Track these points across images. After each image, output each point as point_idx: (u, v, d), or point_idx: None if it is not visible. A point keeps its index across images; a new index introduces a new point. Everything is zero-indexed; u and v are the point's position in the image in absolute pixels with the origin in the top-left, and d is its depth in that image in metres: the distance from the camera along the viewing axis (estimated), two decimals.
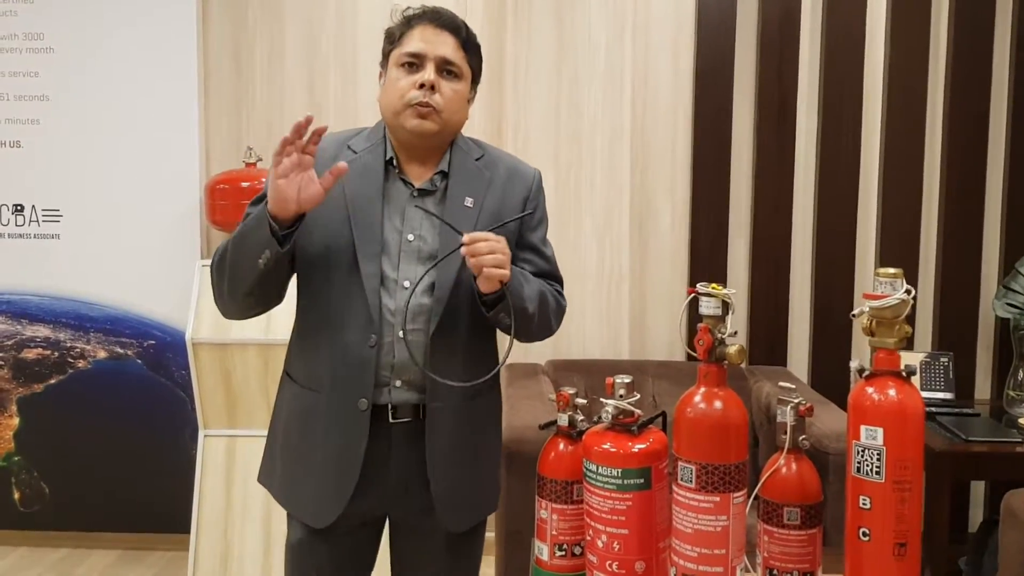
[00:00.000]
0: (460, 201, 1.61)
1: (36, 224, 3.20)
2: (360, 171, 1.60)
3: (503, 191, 1.67)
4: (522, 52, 3.19)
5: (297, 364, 1.67)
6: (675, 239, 3.22)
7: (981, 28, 3.07)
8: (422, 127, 1.57)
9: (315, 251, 1.58)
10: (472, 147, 1.70)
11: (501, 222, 1.62)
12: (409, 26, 1.62)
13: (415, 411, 1.59)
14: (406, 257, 1.59)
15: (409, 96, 1.57)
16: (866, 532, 1.12)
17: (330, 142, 1.64)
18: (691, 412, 1.17)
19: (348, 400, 1.56)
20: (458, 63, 1.61)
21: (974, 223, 3.12)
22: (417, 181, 1.62)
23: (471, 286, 1.55)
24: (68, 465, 3.28)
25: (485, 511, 1.73)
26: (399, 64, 1.60)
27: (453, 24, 1.63)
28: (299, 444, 1.64)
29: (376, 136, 1.65)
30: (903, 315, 1.14)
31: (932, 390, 2.95)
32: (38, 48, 3.17)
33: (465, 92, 1.64)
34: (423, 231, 1.60)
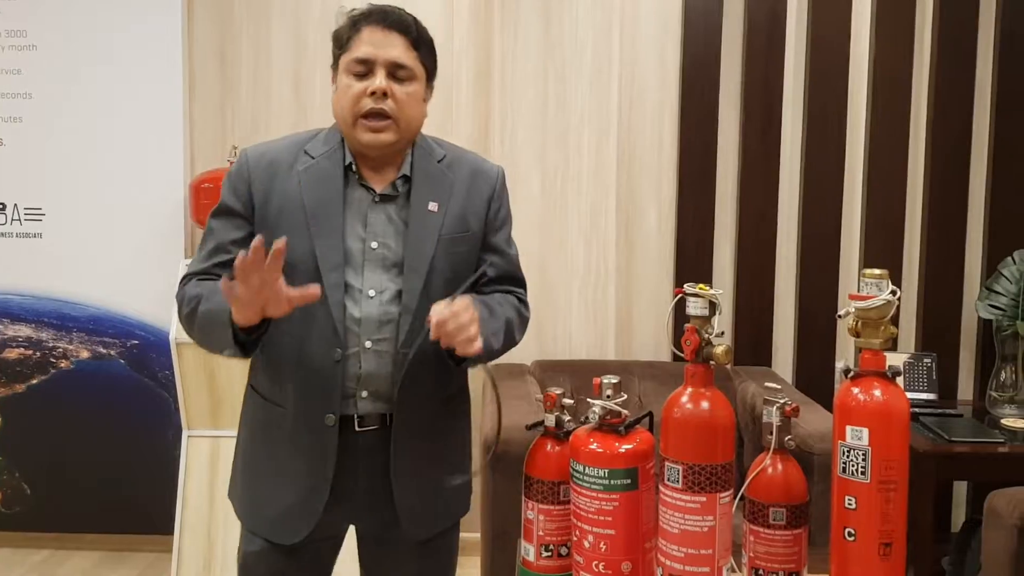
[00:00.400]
0: (424, 205, 1.56)
1: (18, 223, 3.17)
2: (319, 177, 1.55)
3: (467, 192, 1.62)
4: (509, 51, 3.19)
5: (261, 377, 1.61)
6: (661, 239, 3.23)
7: (965, 32, 3.09)
8: (377, 140, 1.52)
9: None
10: (433, 147, 1.64)
11: (466, 230, 1.58)
12: (356, 29, 1.54)
13: (381, 420, 1.55)
14: (370, 265, 1.54)
15: (361, 105, 1.51)
16: (851, 532, 1.12)
17: (286, 146, 1.59)
18: (678, 412, 1.17)
19: (314, 416, 1.52)
20: (410, 64, 1.54)
21: (957, 225, 3.14)
22: (378, 186, 1.57)
23: (441, 295, 1.50)
24: (50, 466, 3.25)
25: (453, 517, 1.70)
26: (348, 70, 1.53)
27: (401, 23, 1.54)
28: (265, 461, 1.59)
29: (334, 140, 1.59)
30: (888, 316, 1.15)
31: (915, 391, 2.97)
32: (21, 45, 3.13)
33: (420, 93, 1.58)
34: (387, 238, 1.55)
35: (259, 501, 1.60)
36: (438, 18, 3.17)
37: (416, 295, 1.52)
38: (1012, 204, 3.10)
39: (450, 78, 3.19)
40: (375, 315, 1.52)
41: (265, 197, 1.55)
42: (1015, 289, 2.89)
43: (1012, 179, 3.10)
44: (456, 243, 1.58)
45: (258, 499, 1.60)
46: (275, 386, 1.57)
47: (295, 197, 1.52)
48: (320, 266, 1.50)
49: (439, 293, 1.51)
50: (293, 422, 1.54)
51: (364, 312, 1.52)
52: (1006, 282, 2.92)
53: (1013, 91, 3.07)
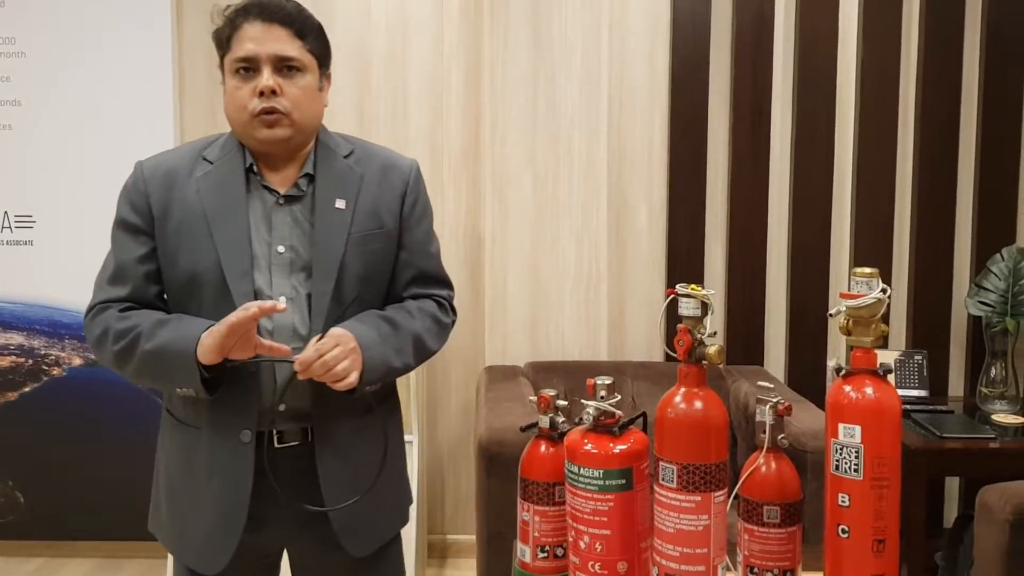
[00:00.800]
0: (331, 204, 1.49)
1: (9, 231, 3.16)
2: (218, 183, 1.48)
3: (379, 187, 1.54)
4: (498, 54, 3.19)
5: (174, 399, 1.54)
6: (652, 240, 3.24)
7: (951, 31, 3.11)
8: (273, 136, 1.45)
9: (182, 277, 1.47)
10: (340, 143, 1.57)
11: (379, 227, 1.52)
12: (235, 26, 1.46)
13: (303, 434, 1.48)
14: (278, 270, 1.47)
15: (251, 106, 1.44)
16: (845, 529, 1.13)
17: (183, 154, 1.53)
18: (672, 413, 1.17)
19: (230, 434, 1.45)
20: (296, 56, 1.46)
21: (946, 222, 3.16)
22: (281, 187, 1.50)
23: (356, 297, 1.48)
24: (43, 473, 3.24)
25: (394, 528, 1.63)
26: (233, 71, 1.46)
27: (282, 13, 1.46)
28: (183, 487, 1.52)
29: (232, 144, 1.52)
30: (879, 314, 1.15)
31: (907, 388, 2.98)
32: (10, 52, 3.13)
33: (314, 84, 1.49)
34: (294, 241, 1.48)
35: (182, 530, 1.53)
36: (428, 21, 3.18)
37: (327, 298, 1.46)
38: (1000, 201, 3.12)
39: (440, 81, 3.20)
40: (288, 323, 1.46)
41: (164, 209, 1.48)
42: (1004, 286, 2.91)
43: (1000, 176, 3.12)
44: (368, 240, 1.51)
45: (181, 527, 1.53)
46: (189, 406, 1.50)
47: (195, 205, 1.46)
48: (226, 275, 1.43)
49: (353, 294, 1.48)
50: (209, 442, 1.47)
51: (276, 321, 1.46)
52: (995, 279, 2.94)
53: (1000, 88, 3.09)
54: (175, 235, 1.47)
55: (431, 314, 1.58)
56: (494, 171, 3.22)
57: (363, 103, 3.20)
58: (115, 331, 1.45)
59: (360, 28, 3.17)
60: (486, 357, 3.27)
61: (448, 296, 1.65)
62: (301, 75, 1.47)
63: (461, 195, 3.23)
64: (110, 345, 1.46)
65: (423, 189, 1.62)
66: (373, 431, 1.55)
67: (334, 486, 1.49)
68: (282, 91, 1.44)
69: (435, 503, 3.32)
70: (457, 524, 3.34)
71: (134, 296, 1.49)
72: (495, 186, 3.22)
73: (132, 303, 1.49)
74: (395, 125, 3.21)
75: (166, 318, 1.46)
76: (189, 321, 1.43)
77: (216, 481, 1.47)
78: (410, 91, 3.21)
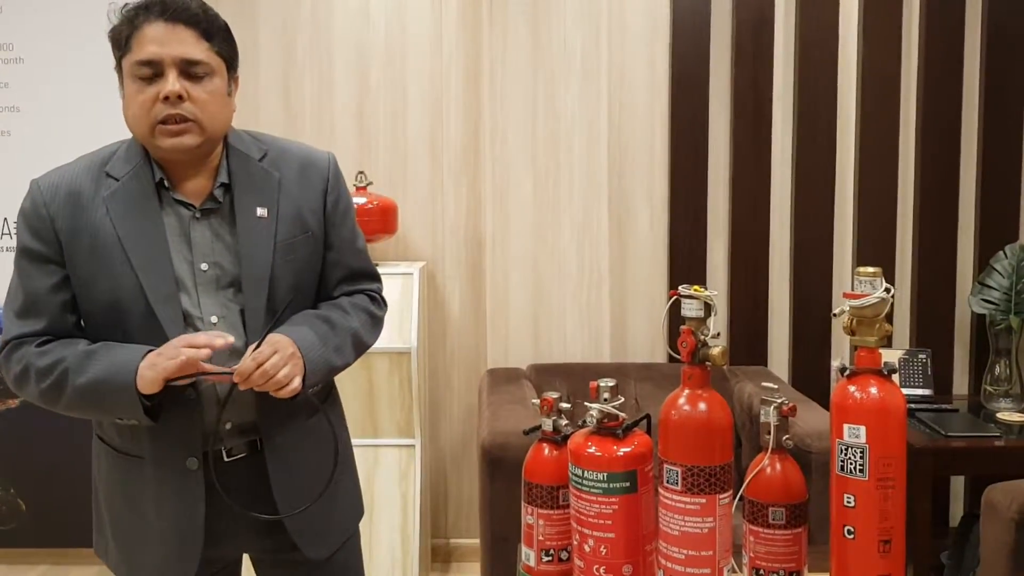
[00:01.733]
0: (251, 213, 1.42)
1: (8, 237, 3.16)
2: (128, 202, 1.38)
3: (299, 188, 1.48)
4: (498, 55, 3.19)
5: (108, 428, 1.47)
6: (654, 241, 3.23)
7: (952, 30, 3.10)
8: (180, 144, 1.36)
9: (101, 307, 1.38)
10: (251, 146, 1.50)
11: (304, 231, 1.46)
12: (134, 26, 1.35)
13: (251, 447, 1.45)
14: (204, 289, 1.40)
15: (154, 112, 1.35)
16: (851, 530, 1.12)
17: (81, 170, 1.43)
18: (676, 414, 1.17)
19: (175, 463, 1.39)
20: (204, 59, 1.37)
21: (949, 221, 3.15)
22: (196, 200, 1.42)
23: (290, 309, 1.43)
24: (45, 481, 3.23)
25: (351, 527, 1.62)
26: (134, 76, 1.36)
27: (187, 13, 1.36)
28: (128, 517, 1.47)
29: (137, 156, 1.42)
30: (883, 313, 1.15)
31: (911, 387, 2.97)
32: (8, 59, 3.13)
33: (222, 88, 1.41)
34: (216, 256, 1.41)
35: (134, 557, 1.49)
36: (427, 23, 3.18)
37: (261, 312, 1.41)
38: (1002, 199, 3.12)
39: (440, 83, 3.19)
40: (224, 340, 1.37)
41: (72, 234, 1.38)
42: (1007, 283, 2.90)
43: (1002, 174, 3.11)
44: (295, 248, 1.46)
45: (131, 558, 1.49)
46: (127, 436, 1.44)
47: (106, 229, 1.37)
48: (151, 300, 1.36)
49: (285, 303, 1.42)
50: (154, 474, 1.41)
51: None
52: (998, 276, 2.93)
53: (1001, 86, 3.08)
54: (88, 262, 1.38)
55: (365, 309, 1.55)
56: (494, 173, 3.22)
57: (362, 105, 3.20)
58: (37, 368, 1.37)
59: (359, 30, 3.17)
60: (488, 360, 3.26)
61: (378, 289, 1.62)
62: (209, 79, 1.38)
63: (461, 197, 3.23)
64: (34, 384, 1.38)
65: (343, 184, 1.57)
66: (321, 432, 1.52)
67: (287, 493, 1.46)
68: (189, 96, 1.36)
69: (438, 507, 3.31)
70: (460, 528, 3.33)
71: (51, 329, 1.40)
72: (495, 188, 3.22)
73: (49, 336, 1.40)
74: (395, 127, 3.20)
75: (92, 349, 1.37)
76: (119, 350, 1.36)
77: (167, 513, 1.43)
78: (409, 93, 3.20)
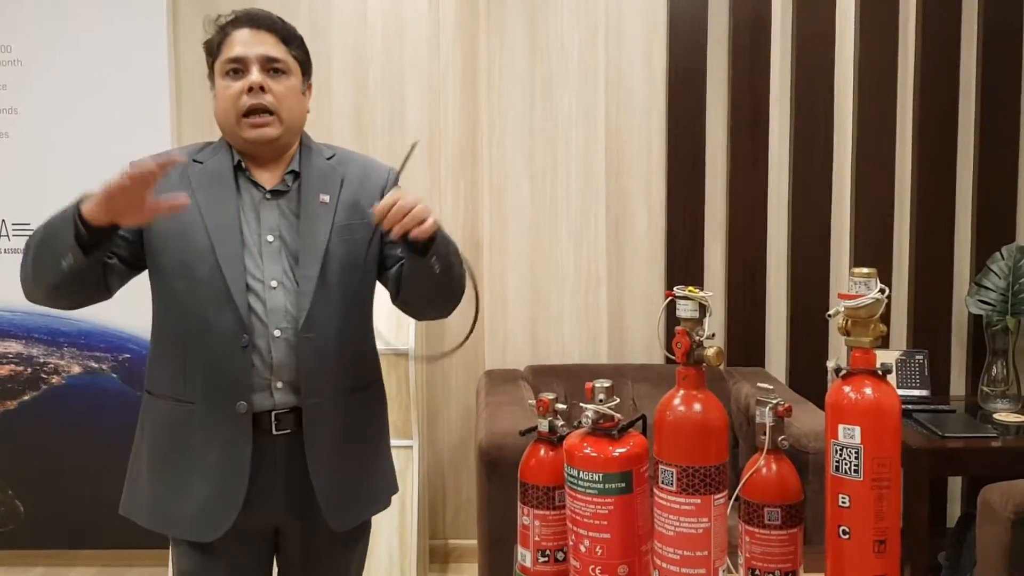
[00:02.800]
0: (315, 197, 1.59)
1: (6, 239, 3.16)
2: (210, 177, 1.58)
3: (359, 185, 1.65)
4: (495, 57, 3.19)
5: (162, 378, 1.60)
6: (651, 242, 3.23)
7: (949, 30, 3.11)
8: (263, 135, 1.56)
9: (174, 263, 1.55)
10: (322, 148, 1.69)
11: (361, 217, 1.59)
12: (225, 33, 1.61)
13: (296, 418, 1.55)
14: (268, 257, 1.56)
15: (240, 103, 1.55)
16: (846, 530, 1.13)
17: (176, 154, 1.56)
18: (671, 415, 1.17)
19: (226, 405, 1.52)
20: (282, 58, 1.59)
21: (946, 221, 3.16)
22: (268, 183, 1.60)
23: (337, 280, 1.56)
24: (43, 482, 3.23)
25: (374, 509, 1.71)
26: (223, 73, 1.59)
27: (269, 22, 1.61)
28: (172, 461, 1.57)
29: (220, 145, 1.64)
30: (878, 314, 1.15)
31: (908, 388, 2.98)
32: (6, 60, 3.12)
33: (297, 86, 1.62)
34: (281, 231, 1.58)
35: (172, 501, 1.57)
36: (424, 25, 3.18)
37: (313, 282, 1.55)
38: (999, 200, 3.12)
39: (437, 85, 3.20)
40: (279, 304, 1.54)
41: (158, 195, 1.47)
42: (1004, 284, 2.90)
43: (998, 175, 3.12)
44: (350, 230, 1.60)
45: (171, 499, 1.58)
46: (180, 384, 1.56)
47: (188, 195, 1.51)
48: (218, 257, 1.52)
49: (335, 279, 1.57)
50: (204, 415, 1.54)
51: (267, 302, 1.54)
52: (995, 277, 2.93)
53: (997, 87, 3.09)
54: (167, 222, 1.51)
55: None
56: (491, 174, 3.22)
57: (360, 107, 3.20)
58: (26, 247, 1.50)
59: (356, 32, 3.17)
60: (486, 361, 3.27)
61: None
62: (286, 77, 1.59)
63: (459, 199, 3.23)
64: (27, 246, 1.50)
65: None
66: (360, 412, 1.65)
67: (322, 465, 1.57)
68: (269, 88, 1.56)
69: (436, 508, 3.32)
70: (458, 529, 3.33)
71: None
72: (493, 189, 3.22)
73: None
74: (392, 129, 3.21)
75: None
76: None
77: (215, 453, 1.53)
78: (407, 95, 3.20)
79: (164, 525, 1.60)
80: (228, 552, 1.57)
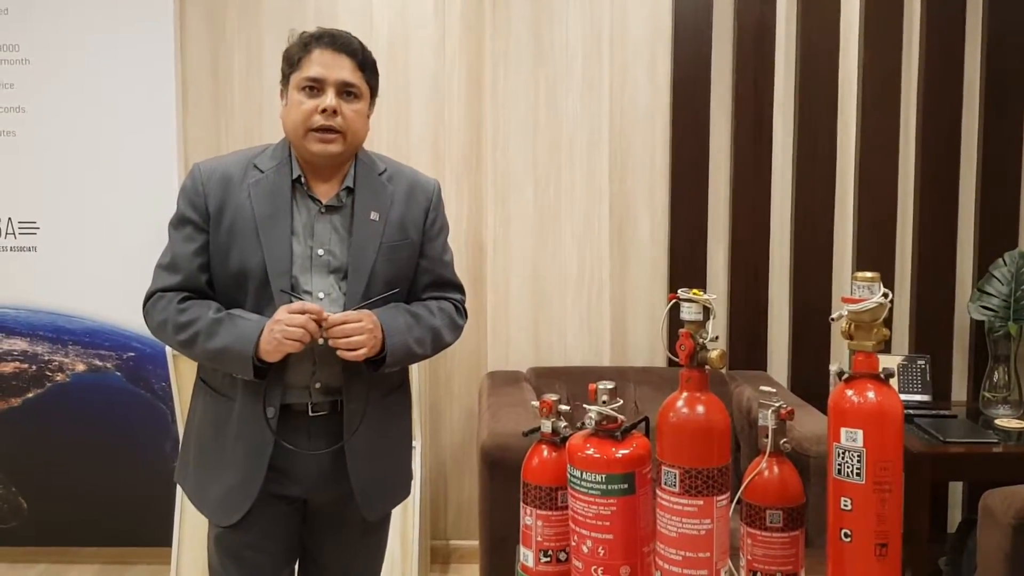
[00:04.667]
0: (366, 215, 1.70)
1: (13, 237, 3.17)
2: (268, 190, 1.67)
3: (406, 204, 1.76)
4: (500, 61, 3.20)
5: (210, 371, 1.74)
6: (654, 245, 3.24)
7: (952, 37, 3.11)
8: (327, 151, 1.66)
9: (230, 270, 1.66)
10: (375, 162, 1.78)
11: (405, 238, 1.74)
12: (307, 50, 1.67)
13: (333, 406, 1.69)
14: (318, 271, 1.67)
15: (312, 121, 1.64)
16: (848, 533, 1.13)
17: (235, 161, 1.72)
18: (674, 417, 1.18)
19: (258, 407, 1.65)
20: (357, 84, 1.68)
21: (949, 227, 3.16)
22: (324, 197, 1.70)
23: (379, 302, 1.68)
24: (46, 479, 3.24)
25: (399, 499, 1.86)
26: (300, 88, 1.66)
27: (350, 47, 1.69)
28: (211, 447, 1.72)
29: (282, 154, 1.71)
30: (881, 318, 1.16)
31: (910, 392, 2.98)
32: (13, 59, 3.14)
33: (365, 110, 1.72)
34: (332, 245, 1.68)
35: (205, 485, 1.73)
36: (429, 29, 3.19)
37: (359, 297, 1.66)
38: (1002, 206, 3.13)
39: (442, 89, 3.21)
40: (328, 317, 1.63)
41: (219, 209, 1.67)
42: (1006, 290, 2.90)
43: (1001, 181, 3.12)
44: (396, 250, 1.73)
45: (204, 483, 1.73)
46: (224, 381, 1.69)
47: (246, 209, 1.65)
48: (269, 273, 1.63)
49: (380, 294, 1.68)
50: (239, 414, 1.67)
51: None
52: (997, 283, 2.94)
53: (1001, 93, 3.09)
54: (227, 234, 1.66)
55: (448, 313, 1.81)
56: (496, 178, 3.23)
57: None
58: (175, 323, 1.65)
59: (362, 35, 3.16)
60: (489, 363, 3.27)
61: (461, 300, 1.87)
62: (357, 100, 1.69)
63: (463, 202, 3.24)
64: (171, 334, 1.66)
65: (443, 207, 1.86)
66: (392, 410, 1.79)
67: (356, 453, 1.70)
68: (341, 112, 1.65)
69: (438, 508, 3.32)
70: (460, 529, 3.33)
71: (186, 284, 1.68)
72: (497, 192, 3.23)
73: (185, 291, 1.68)
74: (397, 132, 3.22)
75: (221, 317, 1.64)
76: (243, 322, 1.62)
77: (241, 447, 1.67)
78: (412, 98, 3.21)
79: (199, 503, 1.75)
80: (262, 515, 1.69)
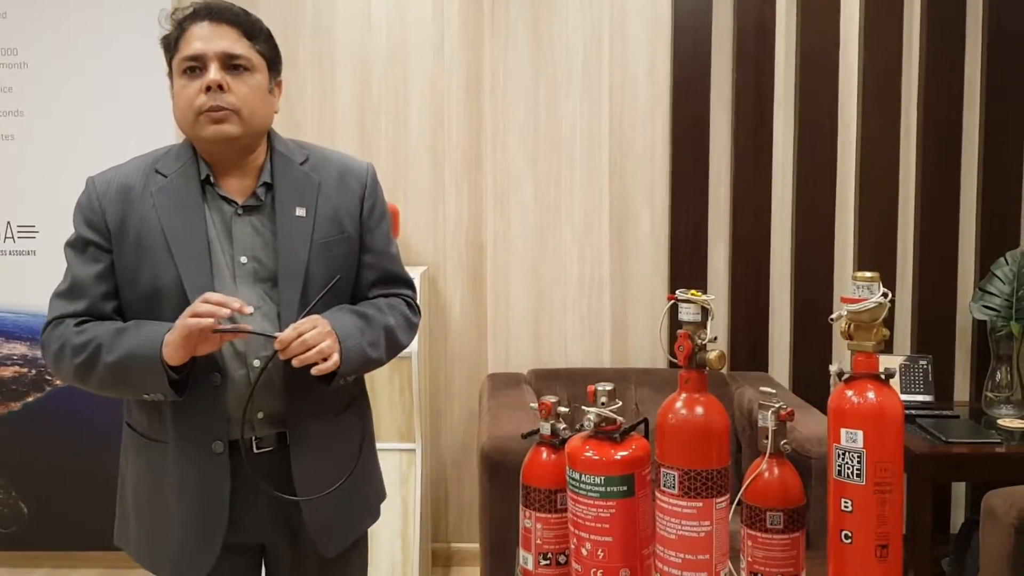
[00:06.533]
0: (291, 213, 1.48)
1: (12, 241, 3.17)
2: (175, 196, 1.47)
3: (337, 193, 1.54)
4: (499, 60, 3.19)
5: (136, 414, 1.53)
6: (655, 245, 3.23)
7: (953, 34, 3.11)
8: (220, 133, 1.44)
9: (141, 292, 1.46)
10: (295, 150, 1.56)
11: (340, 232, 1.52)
12: (182, 28, 1.47)
13: (279, 439, 1.49)
14: (243, 281, 1.47)
15: (198, 103, 1.43)
16: (848, 534, 1.12)
17: (133, 169, 1.52)
18: (672, 418, 1.17)
19: (199, 446, 1.44)
20: (245, 54, 1.46)
21: (950, 226, 3.15)
22: (239, 197, 1.49)
23: (322, 304, 1.46)
24: (47, 483, 3.24)
25: (360, 529, 1.64)
26: (181, 71, 1.46)
27: (231, 14, 1.47)
28: (153, 500, 1.52)
29: (186, 154, 1.51)
30: (880, 318, 1.15)
31: (912, 393, 2.97)
32: (12, 63, 3.14)
33: (263, 84, 1.49)
34: (256, 251, 1.48)
35: (155, 540, 1.53)
36: (428, 28, 3.19)
37: (295, 306, 1.46)
38: (1003, 205, 3.12)
39: (441, 88, 3.20)
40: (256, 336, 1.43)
41: (120, 225, 1.47)
42: (1008, 290, 2.89)
43: (1003, 180, 3.11)
44: (330, 247, 1.51)
45: (153, 544, 1.53)
46: (152, 423, 1.50)
47: (152, 221, 1.45)
48: (187, 289, 1.42)
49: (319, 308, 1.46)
50: (176, 458, 1.46)
51: None
52: (999, 283, 2.93)
53: (1002, 91, 3.09)
54: (133, 252, 1.46)
55: (400, 311, 1.60)
56: (495, 178, 3.22)
57: (364, 111, 3.21)
58: (73, 345, 1.43)
59: (360, 35, 3.18)
60: (489, 365, 3.27)
61: (411, 296, 1.66)
62: (249, 74, 1.47)
63: (463, 202, 3.23)
64: (69, 359, 1.44)
65: (380, 191, 1.63)
66: (348, 430, 1.58)
67: (309, 485, 1.49)
68: (229, 88, 1.44)
69: (439, 511, 3.31)
70: (461, 532, 3.33)
71: (90, 312, 1.47)
72: (496, 193, 3.22)
73: (88, 318, 1.47)
74: (396, 133, 3.21)
75: (124, 326, 1.44)
76: (148, 325, 1.42)
77: (188, 499, 1.46)
78: (411, 98, 3.21)
79: (151, 564, 1.56)
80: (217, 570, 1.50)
